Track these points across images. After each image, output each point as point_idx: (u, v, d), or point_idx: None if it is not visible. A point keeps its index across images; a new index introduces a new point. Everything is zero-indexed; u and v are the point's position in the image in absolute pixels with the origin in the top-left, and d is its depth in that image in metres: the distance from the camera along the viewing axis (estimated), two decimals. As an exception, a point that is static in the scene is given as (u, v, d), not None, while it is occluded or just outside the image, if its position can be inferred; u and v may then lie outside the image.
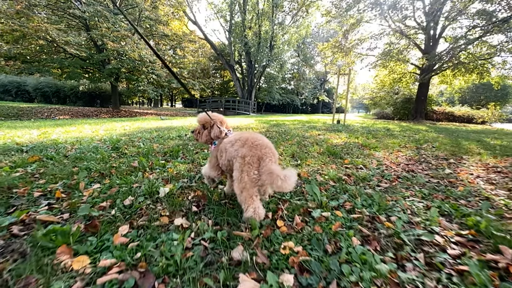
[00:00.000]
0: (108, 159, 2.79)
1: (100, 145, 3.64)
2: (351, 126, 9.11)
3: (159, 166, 2.53)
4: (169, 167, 2.49)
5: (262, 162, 1.30)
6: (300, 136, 5.39)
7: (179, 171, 2.40)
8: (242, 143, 1.38)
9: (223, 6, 27.09)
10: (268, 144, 1.41)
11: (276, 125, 8.24)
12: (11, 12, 12.51)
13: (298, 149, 3.79)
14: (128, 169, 2.35)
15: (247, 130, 6.50)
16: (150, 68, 16.07)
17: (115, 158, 2.85)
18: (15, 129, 5.95)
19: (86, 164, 2.47)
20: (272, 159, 1.34)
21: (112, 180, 2.02)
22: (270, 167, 1.24)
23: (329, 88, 37.00)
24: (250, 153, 1.31)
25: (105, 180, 2.05)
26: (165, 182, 2.08)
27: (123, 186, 1.89)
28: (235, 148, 1.40)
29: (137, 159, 2.75)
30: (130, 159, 2.81)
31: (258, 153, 1.32)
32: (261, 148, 1.34)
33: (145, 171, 2.34)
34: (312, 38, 34.91)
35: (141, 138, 4.52)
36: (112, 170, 2.29)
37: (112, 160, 2.75)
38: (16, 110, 14.43)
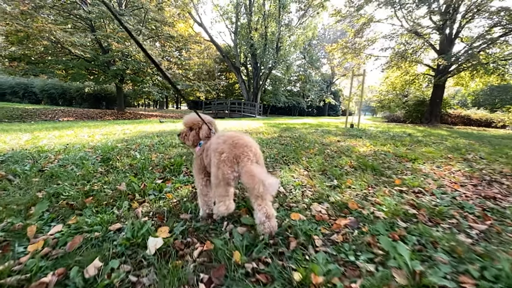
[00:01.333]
0: (91, 177, 2.16)
1: (89, 155, 3.02)
2: (367, 130, 8.38)
3: (154, 189, 1.88)
4: (167, 192, 1.84)
5: (240, 161, 1.22)
6: (319, 143, 4.71)
7: (181, 198, 1.74)
8: (223, 141, 1.31)
9: (229, 8, 26.63)
10: (249, 143, 1.31)
11: (287, 129, 7.57)
12: (16, 12, 12.16)
13: (324, 160, 3.12)
14: (111, 196, 1.71)
15: (257, 134, 5.84)
16: (155, 70, 15.58)
17: (100, 176, 2.22)
18: (6, 133, 5.41)
19: (59, 186, 1.84)
20: (252, 158, 1.25)
21: (83, 218, 1.38)
22: (251, 169, 1.17)
23: (335, 91, 36.16)
24: (228, 150, 1.24)
25: (72, 217, 1.41)
26: (159, 219, 1.43)
27: (95, 231, 1.25)
28: (217, 142, 1.33)
29: (127, 178, 2.11)
30: (119, 176, 2.17)
31: (235, 152, 1.23)
32: (239, 147, 1.25)
33: (134, 199, 1.69)
34: (319, 40, 34.20)
35: (140, 145, 3.89)
36: (89, 198, 1.65)
37: (95, 179, 2.11)
38: (20, 112, 14.07)
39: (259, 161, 1.29)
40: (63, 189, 1.75)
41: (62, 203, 1.56)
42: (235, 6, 25.42)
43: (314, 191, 1.97)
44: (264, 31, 23.79)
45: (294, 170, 2.65)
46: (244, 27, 26.28)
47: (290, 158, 3.19)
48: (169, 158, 3.01)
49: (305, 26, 25.54)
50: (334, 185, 2.14)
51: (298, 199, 1.80)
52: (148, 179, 2.10)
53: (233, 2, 25.59)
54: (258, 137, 5.42)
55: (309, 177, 2.39)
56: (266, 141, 4.74)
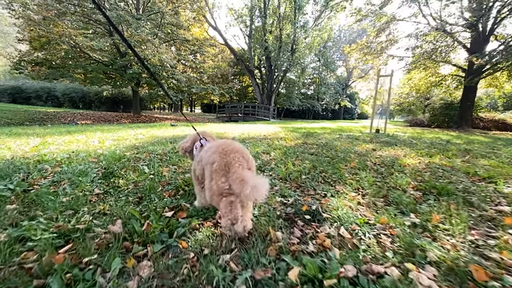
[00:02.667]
0: (83, 203, 1.63)
1: (91, 167, 2.53)
2: (397, 136, 7.53)
3: (162, 231, 1.30)
4: (180, 235, 1.26)
5: (231, 168, 1.14)
6: (353, 153, 4.02)
7: (200, 248, 1.16)
8: (214, 150, 1.25)
9: (243, 12, 26.37)
10: (239, 149, 1.27)
11: (309, 135, 6.89)
12: (39, 18, 12.37)
13: (375, 178, 2.45)
14: (98, 243, 1.15)
15: (278, 141, 5.23)
16: (170, 73, 15.41)
17: (94, 201, 1.69)
18: (17, 137, 5.14)
19: (31, 224, 1.31)
20: (244, 164, 1.19)
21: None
22: (242, 174, 1.09)
23: (350, 93, 34.86)
24: (219, 159, 1.18)
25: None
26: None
27: None
28: (208, 154, 1.28)
29: (128, 205, 1.56)
30: (118, 203, 1.64)
31: (226, 159, 1.17)
32: (230, 153, 1.19)
33: (131, 251, 1.12)
34: (334, 42, 33.21)
35: (151, 154, 3.40)
36: (64, 249, 1.10)
37: (86, 206, 1.58)
38: (41, 115, 14.28)
39: (251, 168, 1.25)
40: (35, 229, 1.22)
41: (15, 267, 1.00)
42: (249, 9, 25.12)
43: (391, 234, 1.32)
44: (279, 33, 23.25)
45: (343, 194, 2.01)
46: (258, 30, 25.88)
47: (330, 175, 2.55)
48: (183, 173, 2.46)
49: (321, 28, 24.76)
50: (415, 223, 1.48)
51: (377, 252, 1.16)
52: (155, 211, 1.54)
53: (248, 6, 25.31)
54: (281, 144, 4.80)
55: (370, 207, 1.74)
56: (292, 149, 4.11)
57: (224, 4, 45.05)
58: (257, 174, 1.18)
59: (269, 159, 3.29)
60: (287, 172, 2.57)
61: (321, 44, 26.74)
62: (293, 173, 2.53)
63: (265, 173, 2.63)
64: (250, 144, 4.68)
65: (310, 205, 1.68)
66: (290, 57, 23.05)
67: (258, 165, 2.88)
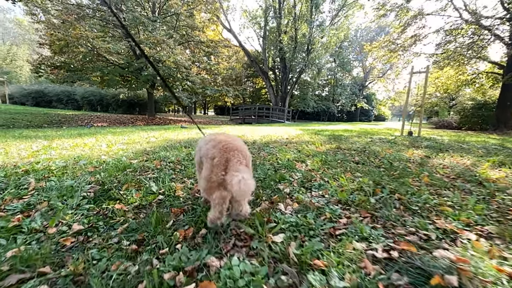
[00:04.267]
0: (45, 256, 0.99)
1: (84, 182, 1.92)
2: (435, 139, 6.54)
3: None
4: None
5: (230, 162, 1.19)
6: (407, 161, 3.20)
7: None
8: (214, 145, 1.30)
9: (258, 13, 25.86)
10: (239, 147, 1.30)
11: (336, 138, 6.08)
12: (59, 22, 12.41)
13: (475, 202, 1.66)
14: None
15: (307, 145, 4.48)
16: (185, 75, 15.05)
17: (64, 251, 1.05)
18: (25, 141, 4.74)
19: None
20: (242, 161, 1.23)
21: None
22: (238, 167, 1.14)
23: (367, 94, 33.30)
24: (219, 155, 1.22)
25: None
26: None
27: None
28: (207, 147, 1.33)
29: (122, 260, 0.91)
30: (102, 255, 0.98)
31: (226, 156, 1.22)
32: (230, 151, 1.24)
33: None
34: (350, 42, 31.92)
35: (162, 162, 2.77)
36: None
37: (49, 262, 0.94)
38: (59, 118, 14.35)
39: (248, 164, 1.30)
40: None
41: None
42: (264, 10, 24.57)
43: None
44: (294, 33, 22.49)
45: (457, 235, 1.25)
46: (273, 31, 25.26)
47: (408, 198, 1.78)
48: (202, 192, 1.79)
49: (337, 27, 23.73)
50: None
51: None
52: (164, 281, 0.85)
53: (262, 7, 24.77)
54: (311, 149, 4.05)
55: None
56: (330, 156, 3.34)
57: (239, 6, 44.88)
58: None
59: (307, 170, 2.57)
60: (344, 191, 1.83)
61: (337, 44, 25.67)
62: (355, 195, 1.79)
63: (313, 192, 1.90)
64: (276, 149, 3.97)
65: (442, 272, 0.93)
66: (305, 57, 22.20)
67: (299, 181, 2.17)
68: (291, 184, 2.07)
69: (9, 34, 41.61)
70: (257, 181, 2.14)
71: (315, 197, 1.79)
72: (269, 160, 3.06)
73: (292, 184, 2.07)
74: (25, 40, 36.55)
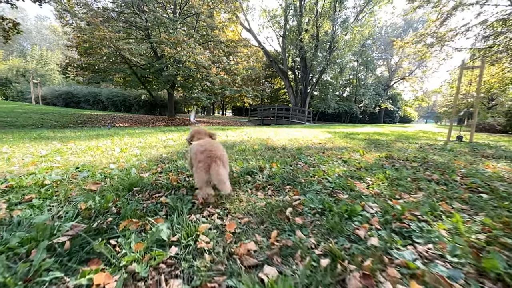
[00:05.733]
0: None
1: (68, 212, 1.34)
2: (494, 146, 5.40)
3: None
4: None
5: (212, 165, 1.54)
6: (498, 179, 2.31)
7: None
8: (202, 150, 1.66)
9: (278, 12, 25.10)
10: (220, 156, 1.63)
11: (377, 144, 5.19)
12: (84, 25, 12.57)
13: None
14: None
15: (350, 153, 3.68)
16: (204, 75, 14.69)
17: None
18: (38, 142, 4.41)
19: None
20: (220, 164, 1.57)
21: None
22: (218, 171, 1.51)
23: (392, 95, 31.15)
24: (204, 159, 1.59)
25: None
26: None
27: None
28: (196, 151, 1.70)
29: None
30: None
31: (208, 161, 1.57)
32: (213, 158, 1.59)
33: None
34: (374, 40, 30.08)
35: (180, 177, 2.15)
36: None
37: None
38: (84, 118, 14.60)
39: (225, 165, 1.65)
40: None
41: None
42: (284, 9, 23.76)
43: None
44: (315, 31, 21.45)
45: None
46: (293, 30, 24.38)
47: None
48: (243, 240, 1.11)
49: (362, 24, 22.28)
50: None
51: None
52: None
53: (282, 6, 23.97)
54: (357, 158, 3.26)
55: None
56: (392, 171, 2.53)
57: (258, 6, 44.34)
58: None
59: (377, 196, 1.81)
60: (476, 249, 1.06)
61: (361, 42, 24.18)
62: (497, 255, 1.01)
63: (417, 245, 1.15)
64: (315, 158, 3.23)
65: None
66: (327, 56, 21.04)
67: (380, 218, 1.42)
68: (371, 225, 1.33)
69: (45, 40, 44.53)
70: (315, 216, 1.44)
71: (429, 258, 1.04)
72: (314, 176, 2.33)
73: (372, 226, 1.32)
74: (58, 45, 38.79)
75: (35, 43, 40.46)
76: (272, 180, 2.16)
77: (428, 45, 12.27)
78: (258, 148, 4.00)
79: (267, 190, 1.92)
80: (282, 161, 2.97)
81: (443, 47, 12.78)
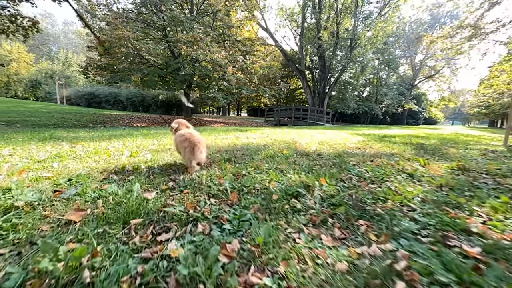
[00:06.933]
0: None
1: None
2: None
3: None
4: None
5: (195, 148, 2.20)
6: None
7: None
8: (185, 138, 2.25)
9: (295, 10, 24.21)
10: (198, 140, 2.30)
11: (426, 149, 4.31)
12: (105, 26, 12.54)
13: None
14: None
15: (399, 161, 2.89)
16: (221, 74, 14.22)
17: None
18: (46, 143, 4.02)
19: None
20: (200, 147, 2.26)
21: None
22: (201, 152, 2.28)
23: (417, 95, 29.07)
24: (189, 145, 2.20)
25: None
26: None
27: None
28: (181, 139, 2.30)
29: None
30: None
31: (192, 145, 2.19)
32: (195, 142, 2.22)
33: None
34: (396, 37, 28.27)
35: (198, 199, 1.51)
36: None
37: None
38: (104, 118, 14.64)
39: (204, 149, 2.33)
40: None
41: None
42: (302, 6, 22.84)
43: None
44: (335, 29, 20.34)
45: None
46: (311, 28, 23.39)
47: None
48: None
49: (385, 19, 20.82)
50: None
51: None
52: None
53: (300, 3, 23.05)
54: (424, 172, 2.46)
55: None
56: (486, 192, 1.73)
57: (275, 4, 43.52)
58: None
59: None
60: None
61: (383, 39, 22.69)
62: None
63: None
64: (366, 169, 2.48)
65: None
66: (348, 54, 19.86)
67: None
68: None
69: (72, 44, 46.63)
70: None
71: None
72: (386, 200, 1.60)
73: None
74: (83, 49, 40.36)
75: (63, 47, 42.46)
76: (331, 207, 1.46)
77: (466, 38, 10.92)
78: (288, 154, 3.31)
79: (332, 228, 1.23)
80: (327, 172, 2.25)
81: (482, 40, 11.38)
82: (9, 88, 32.51)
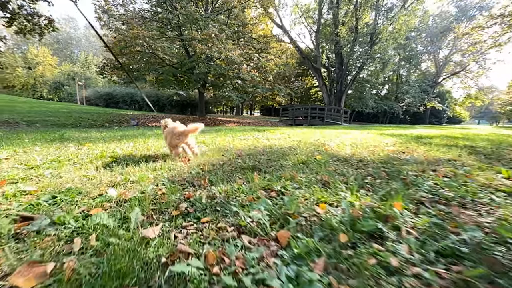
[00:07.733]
0: None
1: None
2: None
3: None
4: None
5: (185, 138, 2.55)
6: None
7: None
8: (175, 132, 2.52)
9: (311, 6, 23.30)
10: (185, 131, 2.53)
11: (483, 154, 3.53)
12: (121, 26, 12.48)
13: None
14: None
15: (472, 172, 2.20)
16: (236, 73, 13.76)
17: None
18: (53, 144, 3.69)
19: None
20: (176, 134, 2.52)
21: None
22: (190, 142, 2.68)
23: (441, 92, 27.12)
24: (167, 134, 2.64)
25: None
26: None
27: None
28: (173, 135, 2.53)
29: None
30: None
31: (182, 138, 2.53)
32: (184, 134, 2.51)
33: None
34: (418, 31, 26.51)
35: (227, 249, 0.96)
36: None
37: None
38: (120, 117, 14.65)
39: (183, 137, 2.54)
40: None
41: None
42: (318, 2, 21.91)
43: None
44: (354, 23, 19.26)
45: None
46: (327, 24, 22.41)
47: None
48: None
49: (409, 12, 19.42)
50: None
51: None
52: None
53: (316, 0, 22.15)
54: (505, 183, 1.77)
55: None
56: None
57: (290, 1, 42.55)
58: None
59: None
60: None
61: (406, 33, 21.25)
62: None
63: None
64: (435, 182, 1.85)
65: None
66: (368, 50, 18.74)
67: None
68: None
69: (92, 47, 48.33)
70: None
71: None
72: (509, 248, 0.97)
73: None
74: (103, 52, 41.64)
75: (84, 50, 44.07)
76: (440, 260, 0.87)
77: (510, 26, 9.68)
78: (323, 160, 2.70)
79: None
80: (393, 190, 1.64)
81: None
82: (35, 90, 34.10)
